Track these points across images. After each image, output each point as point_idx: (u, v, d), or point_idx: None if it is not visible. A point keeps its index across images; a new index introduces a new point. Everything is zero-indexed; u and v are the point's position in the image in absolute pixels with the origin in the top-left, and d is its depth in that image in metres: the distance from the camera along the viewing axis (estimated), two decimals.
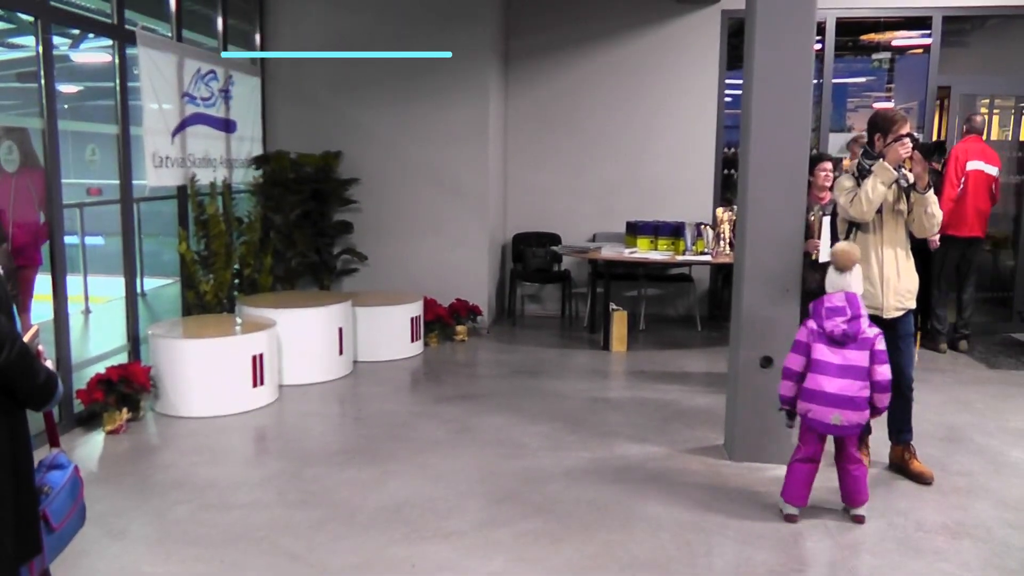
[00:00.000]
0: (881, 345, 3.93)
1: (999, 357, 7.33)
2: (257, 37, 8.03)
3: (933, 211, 4.34)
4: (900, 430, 4.64)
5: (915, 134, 4.34)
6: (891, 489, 4.44)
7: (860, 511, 4.04)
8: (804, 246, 4.79)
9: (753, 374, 4.70)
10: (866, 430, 4.65)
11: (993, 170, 7.46)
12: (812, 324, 3.99)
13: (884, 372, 3.91)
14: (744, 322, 4.73)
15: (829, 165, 5.90)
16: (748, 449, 4.76)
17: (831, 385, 3.88)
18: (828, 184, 5.74)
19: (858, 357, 3.89)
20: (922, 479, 4.50)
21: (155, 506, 4.13)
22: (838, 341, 3.91)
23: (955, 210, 7.27)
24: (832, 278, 4.05)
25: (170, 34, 6.59)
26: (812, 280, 5.02)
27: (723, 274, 8.55)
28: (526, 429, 5.29)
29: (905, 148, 4.27)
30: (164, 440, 5.15)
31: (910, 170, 4.43)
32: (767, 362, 4.67)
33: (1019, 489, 4.46)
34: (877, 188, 4.29)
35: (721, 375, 6.26)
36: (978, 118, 7.58)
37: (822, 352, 3.93)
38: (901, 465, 4.63)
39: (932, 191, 4.34)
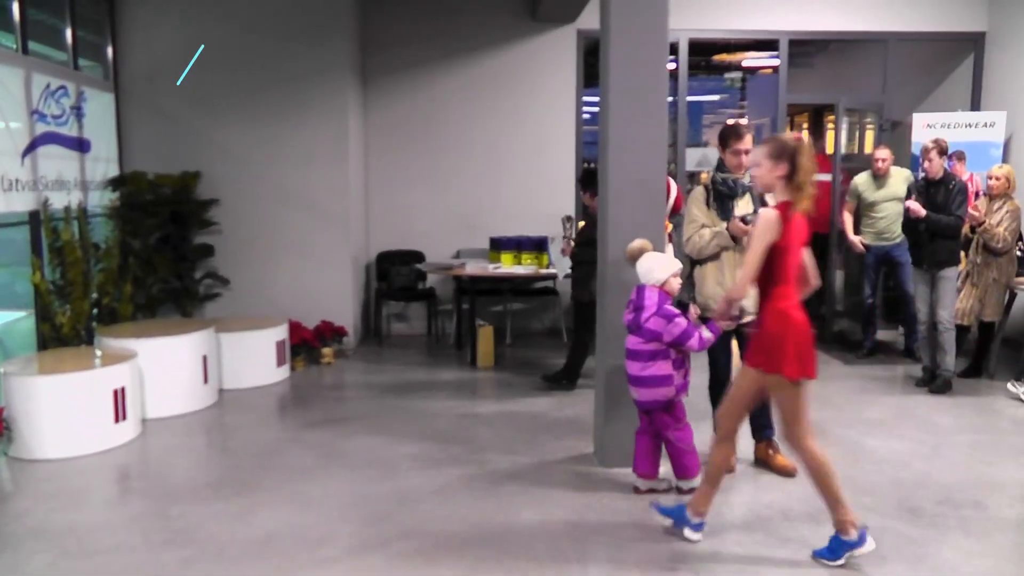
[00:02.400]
0: (652, 325, 4.33)
1: (851, 353, 7.80)
2: (109, 50, 7.73)
3: None
4: (761, 427, 4.89)
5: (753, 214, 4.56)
6: (757, 483, 4.66)
7: (683, 484, 4.50)
8: None
9: (619, 382, 4.82)
10: (766, 427, 4.88)
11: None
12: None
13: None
14: (608, 333, 4.86)
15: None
16: (618, 455, 4.86)
17: (628, 368, 4.46)
18: None
19: (636, 342, 4.40)
20: (785, 472, 4.74)
21: (9, 559, 3.88)
22: (629, 328, 4.43)
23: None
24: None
25: (15, 46, 6.26)
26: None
27: None
28: (396, 450, 5.25)
29: (745, 232, 4.52)
30: (18, 486, 4.85)
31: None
32: None
33: (875, 475, 4.78)
34: (711, 245, 4.65)
35: (588, 385, 6.40)
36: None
37: (626, 339, 4.50)
38: (765, 460, 4.87)
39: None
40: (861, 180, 7.64)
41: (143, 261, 7.47)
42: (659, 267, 4.40)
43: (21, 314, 7.39)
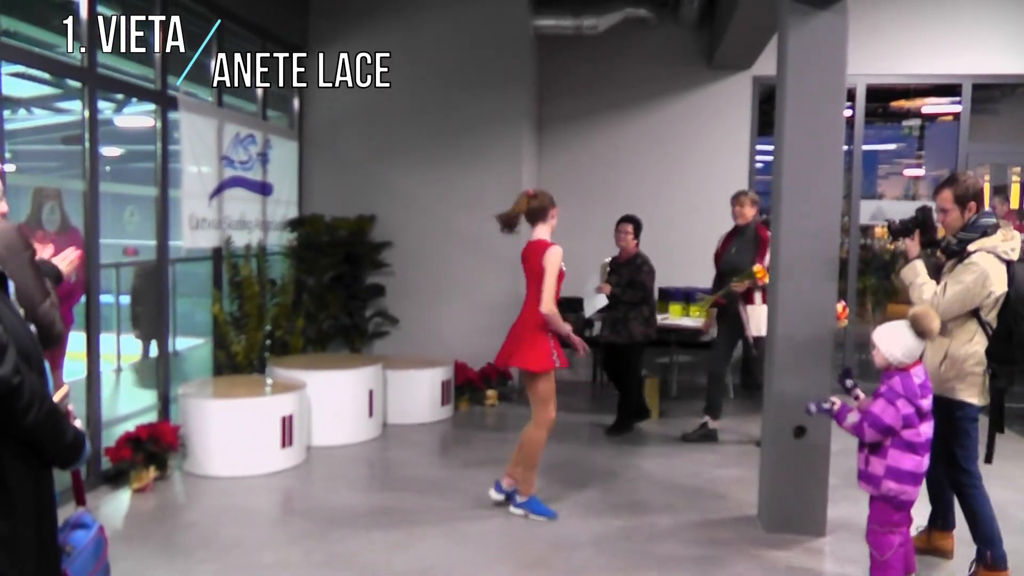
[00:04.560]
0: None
1: None
2: (295, 101, 8.20)
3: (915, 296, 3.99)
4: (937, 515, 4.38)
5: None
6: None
7: None
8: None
9: (786, 444, 4.61)
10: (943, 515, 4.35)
11: None
12: (906, 406, 3.54)
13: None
14: (776, 391, 4.66)
15: (629, 226, 6.82)
16: (781, 520, 4.64)
17: (927, 464, 3.64)
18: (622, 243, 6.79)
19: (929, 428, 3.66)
20: (935, 552, 4.26)
21: (179, 566, 4.10)
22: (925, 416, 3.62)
23: None
24: (912, 345, 3.61)
25: (211, 99, 6.75)
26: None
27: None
28: (555, 494, 5.19)
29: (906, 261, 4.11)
30: (190, 499, 5.14)
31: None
32: (800, 432, 4.58)
33: None
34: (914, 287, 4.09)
35: (754, 444, 6.17)
36: None
37: (925, 432, 3.62)
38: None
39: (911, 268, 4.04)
40: None
41: (316, 298, 7.81)
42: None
43: (199, 341, 7.87)
